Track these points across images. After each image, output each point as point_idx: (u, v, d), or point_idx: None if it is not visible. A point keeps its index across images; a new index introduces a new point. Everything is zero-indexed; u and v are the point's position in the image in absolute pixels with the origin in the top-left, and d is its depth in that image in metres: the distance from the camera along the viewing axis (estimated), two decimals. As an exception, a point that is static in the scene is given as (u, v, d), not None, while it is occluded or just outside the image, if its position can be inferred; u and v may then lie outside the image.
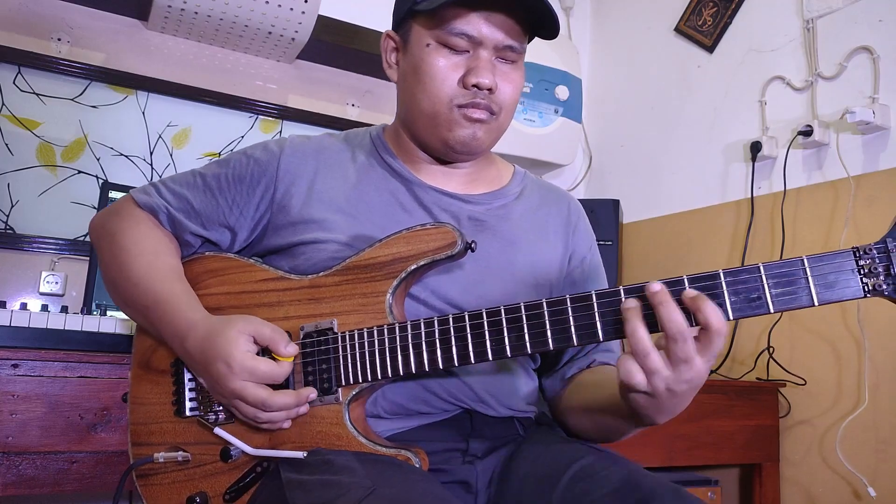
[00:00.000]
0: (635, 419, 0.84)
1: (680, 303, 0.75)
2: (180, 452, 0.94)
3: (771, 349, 1.96)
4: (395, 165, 1.06)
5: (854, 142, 1.88)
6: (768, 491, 1.90)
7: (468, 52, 0.97)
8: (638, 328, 0.75)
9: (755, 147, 2.09)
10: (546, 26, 0.99)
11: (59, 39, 1.92)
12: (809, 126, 1.93)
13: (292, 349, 0.89)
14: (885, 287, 0.75)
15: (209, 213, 1.02)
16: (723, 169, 2.25)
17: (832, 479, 1.82)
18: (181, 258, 1.03)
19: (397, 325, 0.88)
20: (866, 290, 0.75)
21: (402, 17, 1.02)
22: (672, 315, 0.73)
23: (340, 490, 0.74)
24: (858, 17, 1.91)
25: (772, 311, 0.76)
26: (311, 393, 0.88)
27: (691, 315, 0.74)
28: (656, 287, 0.75)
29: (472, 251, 0.90)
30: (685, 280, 0.77)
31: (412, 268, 0.90)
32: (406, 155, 1.06)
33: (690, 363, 0.74)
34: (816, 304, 0.75)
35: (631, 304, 0.76)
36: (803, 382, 1.90)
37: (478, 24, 0.95)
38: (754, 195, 2.11)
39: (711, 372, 2.00)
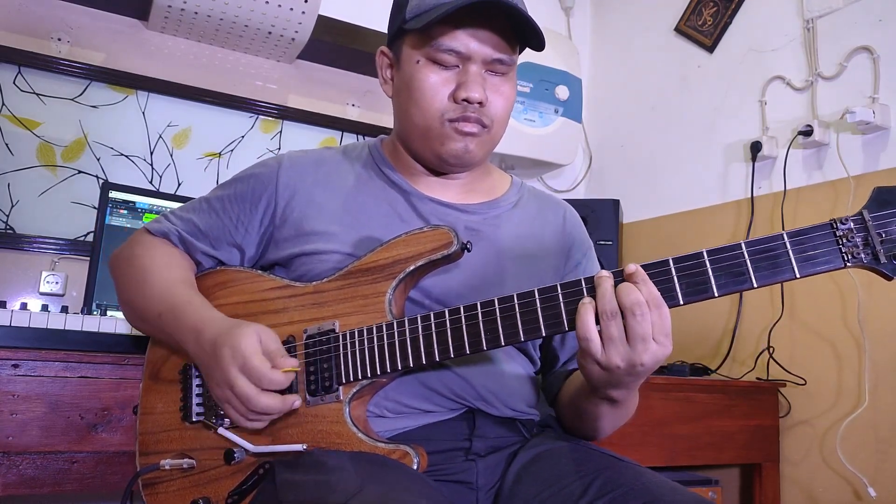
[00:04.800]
0: (593, 392, 0.90)
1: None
2: (185, 459, 0.95)
3: (771, 349, 1.96)
4: (393, 177, 1.08)
5: (854, 142, 1.88)
6: (768, 491, 1.90)
7: (458, 66, 0.99)
8: (586, 315, 0.80)
9: (755, 147, 2.09)
10: (531, 39, 1.00)
11: (59, 39, 1.92)
12: (809, 126, 1.93)
13: (291, 362, 0.88)
14: (863, 257, 0.75)
15: (216, 233, 1.06)
16: (723, 169, 2.25)
17: (832, 479, 1.82)
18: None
19: (395, 321, 0.90)
20: (845, 260, 0.76)
21: (394, 35, 1.04)
22: (629, 290, 0.78)
23: (328, 489, 0.75)
24: (858, 17, 1.91)
25: (755, 285, 0.77)
26: (297, 401, 0.89)
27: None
28: (605, 273, 0.81)
29: (469, 251, 0.92)
30: (670, 261, 0.80)
31: (411, 268, 0.92)
32: (403, 166, 1.08)
33: (647, 342, 0.78)
34: (798, 276, 0.76)
35: (586, 301, 0.81)
36: (803, 382, 1.90)
37: (465, 41, 0.97)
38: (754, 195, 2.11)
39: (712, 372, 2.02)
